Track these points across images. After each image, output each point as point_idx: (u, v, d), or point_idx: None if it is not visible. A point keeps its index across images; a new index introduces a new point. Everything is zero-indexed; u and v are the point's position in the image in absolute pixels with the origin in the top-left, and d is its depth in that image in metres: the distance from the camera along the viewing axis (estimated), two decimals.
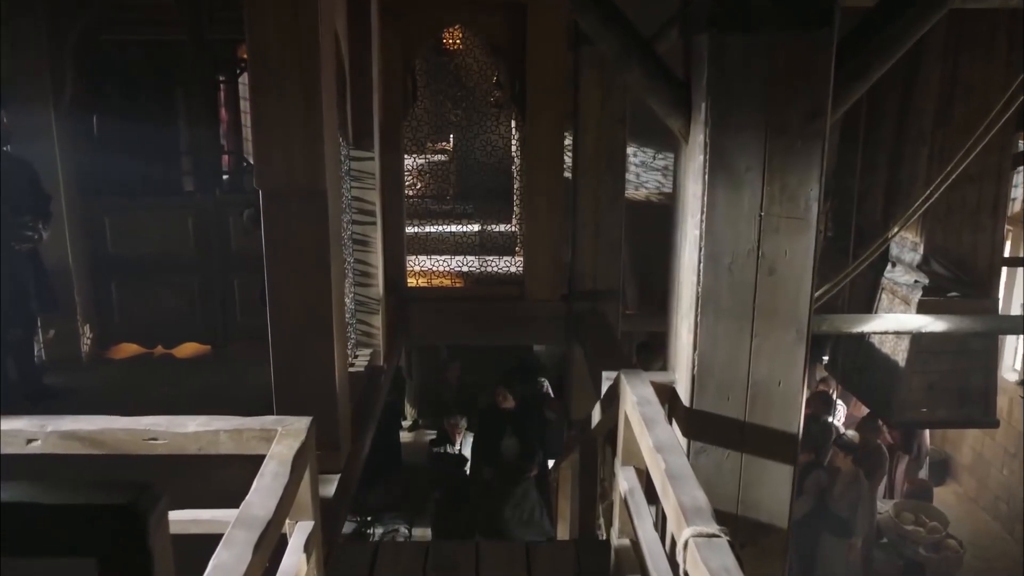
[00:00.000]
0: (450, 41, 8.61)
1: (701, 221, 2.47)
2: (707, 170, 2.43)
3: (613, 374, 3.83)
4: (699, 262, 2.50)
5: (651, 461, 2.25)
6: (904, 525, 7.08)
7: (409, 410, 9.77)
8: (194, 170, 5.59)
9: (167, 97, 5.53)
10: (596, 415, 3.50)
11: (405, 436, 9.33)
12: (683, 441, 2.62)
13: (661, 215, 8.57)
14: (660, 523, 2.92)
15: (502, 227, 8.08)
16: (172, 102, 5.54)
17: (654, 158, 9.22)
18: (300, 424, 2.35)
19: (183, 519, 2.34)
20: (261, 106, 3.24)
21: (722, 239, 2.48)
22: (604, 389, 3.81)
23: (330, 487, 3.47)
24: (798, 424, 2.59)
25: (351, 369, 4.73)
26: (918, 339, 6.25)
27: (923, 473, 8.11)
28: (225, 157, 5.99)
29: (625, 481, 2.66)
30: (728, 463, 2.61)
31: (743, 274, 2.50)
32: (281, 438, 2.26)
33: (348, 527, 7.03)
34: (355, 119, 4.73)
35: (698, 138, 2.47)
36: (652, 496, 2.66)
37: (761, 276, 2.50)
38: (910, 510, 7.27)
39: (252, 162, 4.02)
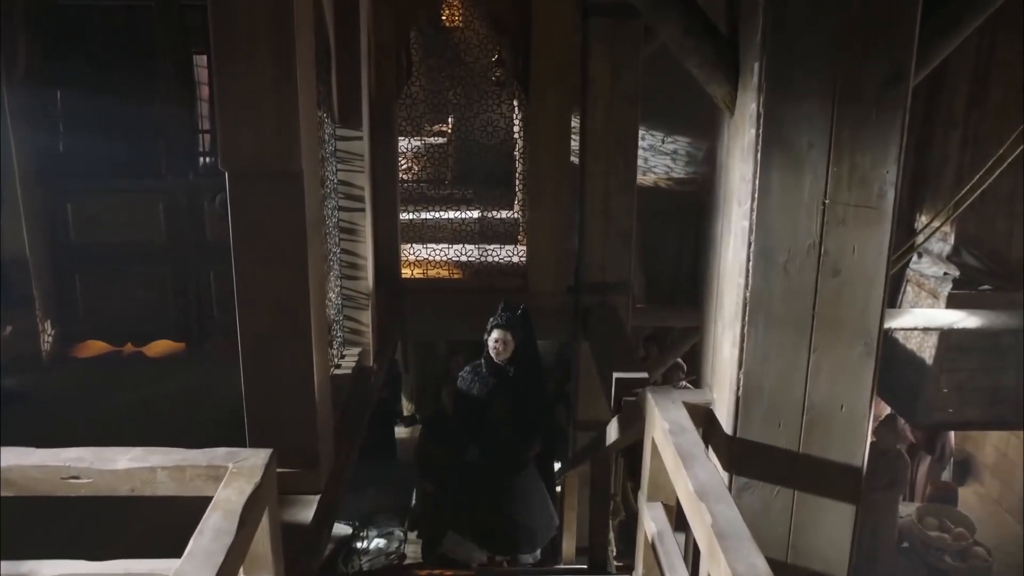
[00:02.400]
0: (448, 14, 8.11)
1: (751, 210, 2.01)
2: (759, 147, 1.97)
3: (627, 378, 3.42)
4: (747, 260, 2.05)
5: (692, 509, 1.81)
6: (927, 531, 6.73)
7: (406, 404, 9.44)
8: (166, 151, 5.13)
9: (136, 71, 5.03)
10: (612, 432, 3.06)
11: (401, 432, 9.00)
12: (724, 475, 2.18)
13: (670, 202, 8.26)
14: (691, 558, 2.50)
15: (504, 214, 7.66)
16: (142, 76, 5.05)
17: (663, 141, 8.78)
18: (256, 459, 1.90)
19: (111, 572, 1.92)
20: (226, 76, 2.81)
21: (776, 232, 2.03)
22: (614, 391, 3.39)
23: (307, 511, 3.05)
24: (863, 456, 2.15)
25: (337, 371, 4.31)
26: (947, 335, 5.89)
27: (946, 475, 7.73)
28: (205, 136, 5.51)
29: (652, 521, 2.21)
30: (778, 502, 2.17)
31: (801, 275, 2.05)
32: (231, 479, 1.82)
33: (341, 529, 6.70)
34: (341, 94, 4.28)
35: (748, 107, 2.00)
36: (680, 522, 2.24)
37: (823, 278, 2.05)
38: (933, 515, 6.93)
39: None
